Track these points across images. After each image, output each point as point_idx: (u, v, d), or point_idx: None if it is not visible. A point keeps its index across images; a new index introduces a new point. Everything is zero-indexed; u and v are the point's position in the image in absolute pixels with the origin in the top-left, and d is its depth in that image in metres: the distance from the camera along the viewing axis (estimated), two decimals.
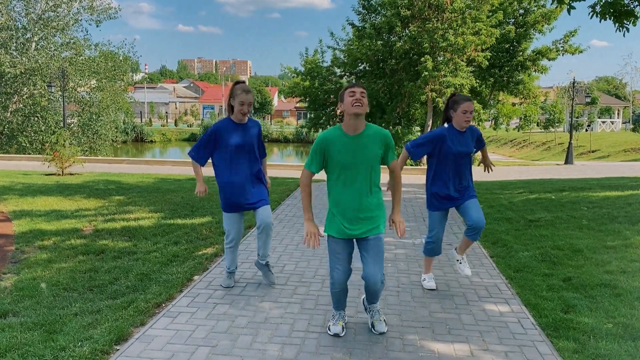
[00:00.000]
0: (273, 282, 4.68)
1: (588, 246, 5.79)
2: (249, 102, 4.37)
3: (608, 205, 7.90)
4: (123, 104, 33.25)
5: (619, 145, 30.40)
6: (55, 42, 28.27)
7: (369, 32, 22.20)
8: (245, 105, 4.35)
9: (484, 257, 5.63)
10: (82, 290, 4.70)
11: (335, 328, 3.63)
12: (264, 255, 4.57)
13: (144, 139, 52.69)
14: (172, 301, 4.33)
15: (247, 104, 4.36)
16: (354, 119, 3.43)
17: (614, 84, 79.59)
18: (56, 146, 14.51)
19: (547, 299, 4.33)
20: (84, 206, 8.74)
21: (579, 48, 23.25)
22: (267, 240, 4.54)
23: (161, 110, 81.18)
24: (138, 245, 6.12)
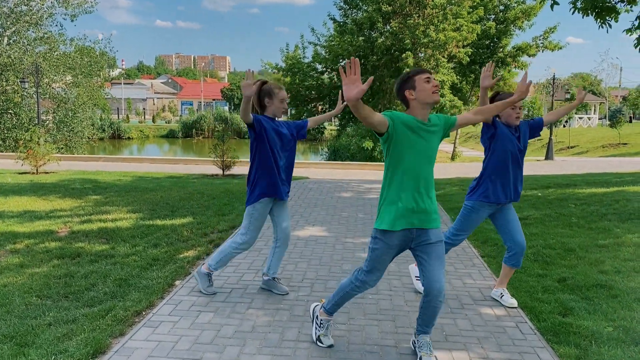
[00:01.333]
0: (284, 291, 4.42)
1: (580, 245, 5.70)
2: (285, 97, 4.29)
3: (596, 202, 7.85)
4: (99, 100, 32.58)
5: (597, 141, 30.76)
6: (28, 37, 27.52)
7: (351, 28, 22.05)
8: (285, 101, 4.25)
9: (475, 257, 5.49)
10: (56, 297, 4.43)
11: (328, 340, 3.42)
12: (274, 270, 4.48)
13: (121, 135, 51.80)
14: (152, 309, 4.09)
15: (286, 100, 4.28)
16: (429, 108, 3.05)
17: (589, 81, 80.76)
18: (30, 144, 14.06)
19: (544, 301, 4.20)
20: (58, 206, 8.41)
21: (558, 44, 23.45)
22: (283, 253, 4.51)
23: (139, 107, 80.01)
24: (116, 248, 5.85)
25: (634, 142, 28.88)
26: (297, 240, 6.14)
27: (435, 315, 3.16)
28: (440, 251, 3.08)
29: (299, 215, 7.66)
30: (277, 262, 4.40)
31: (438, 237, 3.09)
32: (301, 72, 23.97)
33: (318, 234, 6.53)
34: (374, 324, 3.78)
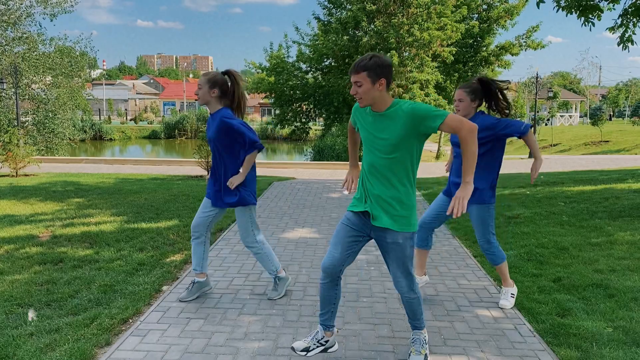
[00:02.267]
0: (270, 298, 4.27)
1: (573, 244, 5.65)
2: (198, 84, 4.08)
3: (585, 200, 7.84)
4: (81, 101, 32.03)
5: (579, 139, 31.09)
6: (6, 37, 26.96)
7: (335, 27, 21.95)
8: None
9: (468, 257, 5.42)
10: (38, 305, 4.25)
11: (298, 343, 3.26)
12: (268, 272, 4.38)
13: (102, 137, 51.10)
14: (140, 316, 3.94)
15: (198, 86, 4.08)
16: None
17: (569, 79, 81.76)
18: (9, 146, 13.74)
19: (541, 302, 4.14)
20: (40, 210, 8.17)
21: (540, 43, 23.57)
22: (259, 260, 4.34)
23: (120, 108, 79.08)
24: (100, 253, 5.67)
25: (615, 139, 29.24)
26: (287, 243, 6.02)
27: (414, 311, 3.17)
28: (397, 254, 3.00)
29: (288, 217, 7.53)
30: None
31: (394, 239, 2.97)
32: (285, 71, 23.81)
33: (308, 235, 6.41)
34: (370, 329, 3.68)
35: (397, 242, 2.96)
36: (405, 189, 2.94)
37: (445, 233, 6.44)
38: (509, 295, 4.14)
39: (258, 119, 69.81)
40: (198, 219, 4.20)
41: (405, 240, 2.98)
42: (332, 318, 3.22)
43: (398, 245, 2.97)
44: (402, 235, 2.96)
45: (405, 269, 3.04)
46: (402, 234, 2.96)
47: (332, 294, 3.15)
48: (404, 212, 2.95)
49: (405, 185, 2.93)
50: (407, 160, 2.90)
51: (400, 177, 2.92)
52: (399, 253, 2.99)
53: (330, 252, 3.08)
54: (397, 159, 2.88)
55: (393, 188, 2.93)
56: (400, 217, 2.94)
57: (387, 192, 2.93)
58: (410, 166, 2.92)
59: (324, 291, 3.15)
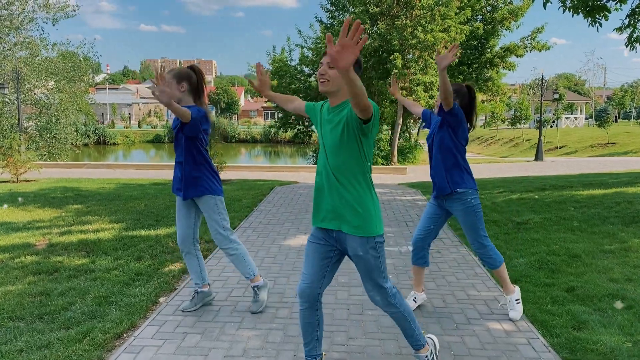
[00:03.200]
0: (253, 311, 4.03)
1: (585, 251, 5.45)
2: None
3: (596, 205, 7.63)
4: (84, 106, 31.96)
5: (585, 141, 30.80)
6: (8, 42, 26.92)
7: (338, 30, 21.77)
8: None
9: (477, 266, 5.22)
10: (30, 318, 4.08)
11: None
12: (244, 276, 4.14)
13: (106, 141, 51.09)
14: (134, 330, 3.77)
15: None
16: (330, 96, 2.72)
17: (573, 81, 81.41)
18: (10, 151, 13.62)
19: (555, 314, 3.94)
20: (37, 217, 8.03)
21: (545, 44, 23.36)
22: (233, 262, 4.10)
23: (124, 112, 79.17)
24: (96, 262, 5.51)
25: (622, 141, 28.95)
26: (288, 251, 5.83)
27: (403, 327, 2.92)
28: (363, 265, 2.74)
29: (290, 223, 7.35)
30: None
31: (354, 251, 2.71)
32: (288, 74, 23.68)
33: None
34: (376, 344, 3.48)
35: (357, 254, 2.71)
36: (360, 191, 2.69)
37: (453, 240, 6.25)
38: (515, 302, 3.92)
39: (261, 122, 69.74)
40: (182, 235, 4.03)
41: (365, 248, 2.68)
42: (318, 347, 2.95)
43: (359, 256, 2.71)
44: (361, 241, 2.68)
45: (374, 281, 2.77)
46: (360, 240, 2.67)
47: (313, 320, 2.88)
48: (360, 218, 2.67)
49: (360, 186, 2.69)
50: (358, 158, 2.65)
51: (352, 178, 2.66)
52: (362, 264, 2.72)
53: (304, 275, 2.84)
54: (346, 157, 2.64)
55: (347, 191, 2.66)
56: (357, 223, 2.67)
57: (344, 196, 2.68)
58: (361, 164, 2.66)
59: (304, 319, 2.87)
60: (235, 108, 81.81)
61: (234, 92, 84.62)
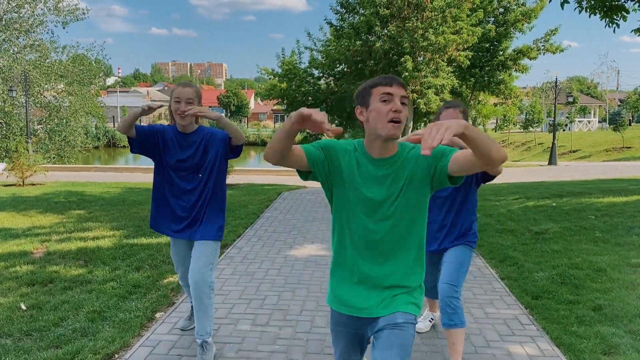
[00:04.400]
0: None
1: (610, 264, 5.11)
2: (187, 98, 3.17)
3: (618, 214, 7.27)
4: (93, 109, 31.93)
5: (599, 145, 30.25)
6: (18, 44, 26.93)
7: (348, 32, 21.49)
8: (182, 102, 3.16)
9: (495, 280, 4.91)
10: (18, 335, 3.83)
11: None
12: (198, 331, 3.29)
13: (116, 144, 51.11)
14: (126, 350, 3.50)
15: (185, 100, 3.17)
16: (385, 141, 2.01)
17: (586, 84, 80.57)
18: (16, 154, 13.46)
19: (582, 336, 3.62)
20: (38, 223, 7.81)
21: (559, 47, 22.92)
22: (199, 310, 3.26)
23: None
24: (94, 272, 5.26)
25: (638, 145, 28.35)
26: (294, 262, 5.55)
27: None
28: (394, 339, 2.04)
29: (297, 231, 7.06)
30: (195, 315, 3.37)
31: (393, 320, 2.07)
32: (297, 77, 23.41)
33: (317, 253, 5.93)
34: None
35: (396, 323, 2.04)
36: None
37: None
38: None
39: (271, 125, 69.64)
40: (185, 273, 3.57)
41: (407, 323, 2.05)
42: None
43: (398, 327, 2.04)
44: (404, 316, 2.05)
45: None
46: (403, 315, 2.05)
47: None
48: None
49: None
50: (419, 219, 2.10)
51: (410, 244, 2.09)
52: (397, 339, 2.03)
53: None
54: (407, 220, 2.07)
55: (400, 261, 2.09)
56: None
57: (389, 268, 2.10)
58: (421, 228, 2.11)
59: None
60: (245, 111, 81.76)
61: (243, 95, 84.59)
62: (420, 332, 3.69)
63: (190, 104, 3.17)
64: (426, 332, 3.73)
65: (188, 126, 3.28)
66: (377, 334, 2.07)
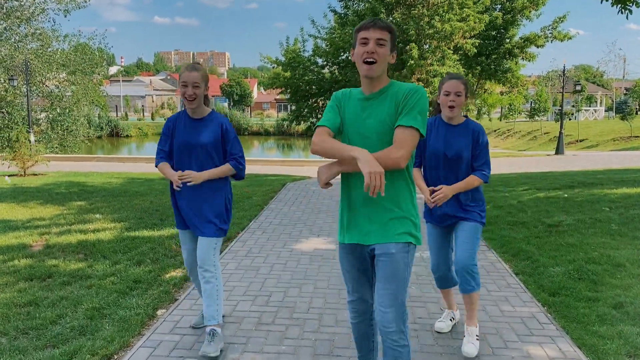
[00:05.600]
0: (205, 353, 3.12)
1: (629, 259, 4.92)
2: (194, 82, 3.17)
3: (633, 206, 7.05)
4: (96, 98, 31.72)
5: (606, 134, 29.88)
6: (19, 33, 26.70)
7: (352, 20, 21.18)
8: (189, 86, 3.17)
9: (509, 276, 4.72)
10: (14, 333, 3.67)
11: None
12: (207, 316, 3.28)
13: (119, 133, 50.98)
14: (126, 351, 3.34)
15: (192, 85, 3.17)
16: (366, 79, 2.34)
17: (592, 72, 79.89)
18: (16, 144, 13.30)
19: (604, 336, 3.43)
20: (38, 215, 7.66)
21: (567, 34, 22.54)
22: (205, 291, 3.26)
23: (137, 104, 79.16)
24: (94, 267, 5.10)
25: None
26: (300, 256, 5.37)
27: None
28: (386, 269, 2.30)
29: (302, 224, 6.88)
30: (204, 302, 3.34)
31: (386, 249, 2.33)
32: (301, 66, 23.12)
33: (324, 246, 5.74)
34: None
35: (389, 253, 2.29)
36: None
37: (479, 244, 5.73)
38: (475, 337, 3.28)
39: (274, 114, 69.33)
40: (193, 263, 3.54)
41: (399, 252, 2.29)
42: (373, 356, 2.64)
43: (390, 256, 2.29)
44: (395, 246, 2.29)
45: (395, 294, 2.26)
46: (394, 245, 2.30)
47: (369, 331, 2.58)
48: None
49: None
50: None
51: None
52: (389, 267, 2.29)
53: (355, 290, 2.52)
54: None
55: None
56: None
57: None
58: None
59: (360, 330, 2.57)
60: (248, 100, 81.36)
61: (246, 84, 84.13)
62: (441, 332, 3.53)
63: (196, 88, 3.19)
64: (439, 333, 3.55)
65: (197, 110, 3.30)
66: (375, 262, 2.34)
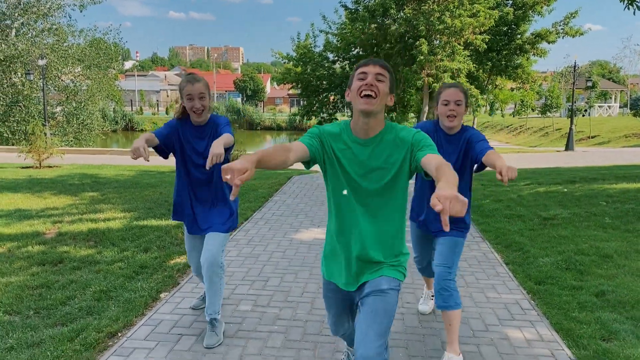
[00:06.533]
0: (209, 345, 3.27)
1: (617, 250, 5.06)
2: (200, 94, 3.18)
3: (630, 200, 7.17)
4: (111, 92, 32.21)
5: (619, 131, 29.70)
6: (36, 28, 27.18)
7: (363, 15, 21.29)
8: (196, 98, 3.18)
9: (499, 265, 4.89)
10: (26, 313, 3.93)
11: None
12: (208, 309, 3.39)
13: (134, 127, 51.63)
14: (129, 329, 3.57)
15: (198, 97, 3.19)
16: (363, 116, 2.16)
17: (608, 68, 78.99)
18: (32, 137, 13.67)
19: (582, 321, 3.60)
20: (52, 204, 7.95)
21: (579, 30, 22.45)
22: (210, 289, 3.32)
23: (152, 98, 79.88)
24: (103, 253, 5.36)
25: None
26: (299, 245, 5.59)
27: None
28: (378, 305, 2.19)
29: (304, 215, 7.09)
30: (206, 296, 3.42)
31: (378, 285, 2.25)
32: (312, 61, 23.29)
33: (322, 236, 5.97)
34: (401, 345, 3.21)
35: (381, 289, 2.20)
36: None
37: (474, 236, 5.91)
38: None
39: (287, 109, 69.58)
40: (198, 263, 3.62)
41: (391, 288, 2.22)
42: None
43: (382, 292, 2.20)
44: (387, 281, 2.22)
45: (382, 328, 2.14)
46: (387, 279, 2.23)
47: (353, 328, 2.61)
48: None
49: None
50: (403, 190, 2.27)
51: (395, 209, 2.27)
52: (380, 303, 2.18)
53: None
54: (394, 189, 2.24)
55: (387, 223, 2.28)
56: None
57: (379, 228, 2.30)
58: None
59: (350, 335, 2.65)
60: (261, 95, 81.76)
61: (260, 79, 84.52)
62: (424, 314, 3.72)
63: (202, 99, 3.21)
64: (424, 317, 3.75)
65: (203, 120, 3.34)
66: (363, 299, 2.22)
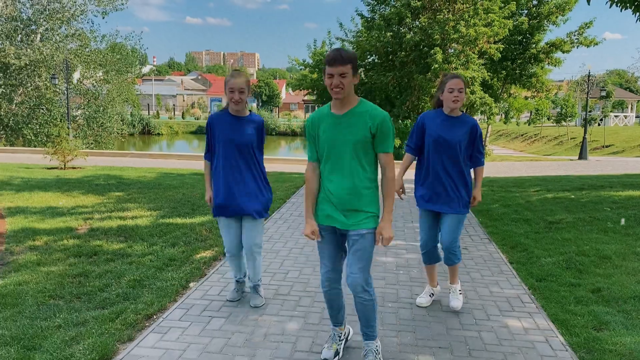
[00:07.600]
0: (256, 304, 4.04)
1: (616, 252, 5.36)
2: (240, 88, 3.74)
3: (633, 206, 7.45)
4: (130, 96, 32.95)
5: (633, 140, 29.70)
6: (60, 33, 27.97)
7: (378, 24, 21.68)
8: (236, 91, 3.75)
9: (503, 264, 5.22)
10: (69, 297, 4.34)
11: (327, 352, 3.18)
12: (253, 278, 4.12)
13: (150, 131, 52.45)
14: (164, 312, 3.96)
15: (238, 90, 3.74)
16: (336, 100, 2.97)
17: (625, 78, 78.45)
18: (57, 139, 14.23)
19: (577, 313, 3.93)
20: (81, 203, 8.40)
21: (594, 40, 22.60)
22: (255, 264, 4.04)
23: (168, 103, 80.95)
24: (133, 247, 5.77)
25: None
26: (316, 243, 5.94)
27: (367, 317, 3.05)
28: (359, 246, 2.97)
29: None
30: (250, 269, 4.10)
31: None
32: None
33: None
34: (393, 336, 3.57)
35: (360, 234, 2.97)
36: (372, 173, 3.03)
37: (482, 237, 6.24)
38: (458, 292, 4.10)
39: (301, 115, 70.11)
40: (235, 242, 4.03)
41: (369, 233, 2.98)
42: (343, 315, 3.28)
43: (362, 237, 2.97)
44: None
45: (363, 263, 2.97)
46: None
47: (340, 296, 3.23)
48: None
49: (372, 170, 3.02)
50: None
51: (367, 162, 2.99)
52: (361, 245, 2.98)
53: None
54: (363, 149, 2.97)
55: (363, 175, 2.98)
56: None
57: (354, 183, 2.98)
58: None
59: (332, 296, 3.18)
60: (277, 101, 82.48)
61: (275, 85, 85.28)
62: (421, 306, 4.07)
63: (242, 93, 3.78)
64: (431, 306, 4.09)
65: (241, 111, 3.88)
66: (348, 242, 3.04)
